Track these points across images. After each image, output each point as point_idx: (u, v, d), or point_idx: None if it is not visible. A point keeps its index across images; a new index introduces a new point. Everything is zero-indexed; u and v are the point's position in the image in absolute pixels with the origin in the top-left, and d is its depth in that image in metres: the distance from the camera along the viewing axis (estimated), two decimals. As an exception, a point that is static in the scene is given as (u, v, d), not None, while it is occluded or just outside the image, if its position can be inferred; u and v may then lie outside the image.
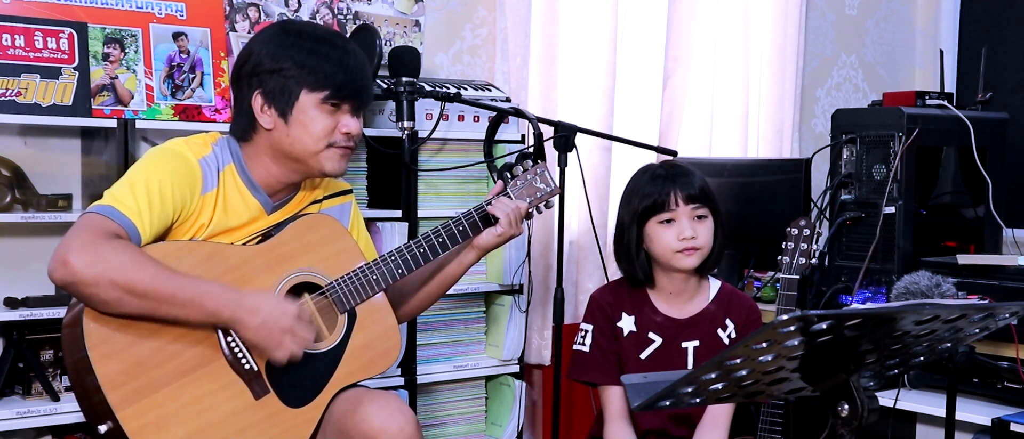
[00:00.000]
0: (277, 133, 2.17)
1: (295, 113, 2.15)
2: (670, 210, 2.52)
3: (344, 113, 2.19)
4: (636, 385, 1.59)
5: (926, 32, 4.65)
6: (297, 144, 2.17)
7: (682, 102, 3.84)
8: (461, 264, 2.41)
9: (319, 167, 2.20)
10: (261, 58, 2.16)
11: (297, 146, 2.17)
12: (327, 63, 2.15)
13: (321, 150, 2.18)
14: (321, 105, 2.16)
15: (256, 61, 2.16)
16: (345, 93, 2.16)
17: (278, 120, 2.16)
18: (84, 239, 1.94)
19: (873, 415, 1.58)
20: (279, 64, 2.14)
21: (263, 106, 2.16)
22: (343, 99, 2.17)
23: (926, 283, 2.36)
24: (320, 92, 2.15)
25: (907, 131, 3.12)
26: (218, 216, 2.15)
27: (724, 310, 2.62)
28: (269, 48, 2.16)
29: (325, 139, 2.17)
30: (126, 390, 1.97)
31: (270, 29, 2.23)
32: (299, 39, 2.17)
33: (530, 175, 2.43)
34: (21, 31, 2.54)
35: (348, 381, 2.21)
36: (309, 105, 2.15)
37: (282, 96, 2.15)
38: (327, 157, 2.19)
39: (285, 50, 2.15)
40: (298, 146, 2.17)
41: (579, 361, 2.63)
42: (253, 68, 2.16)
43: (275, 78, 2.15)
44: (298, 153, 2.17)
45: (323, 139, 2.17)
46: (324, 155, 2.18)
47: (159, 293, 1.95)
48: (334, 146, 2.19)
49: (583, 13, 3.60)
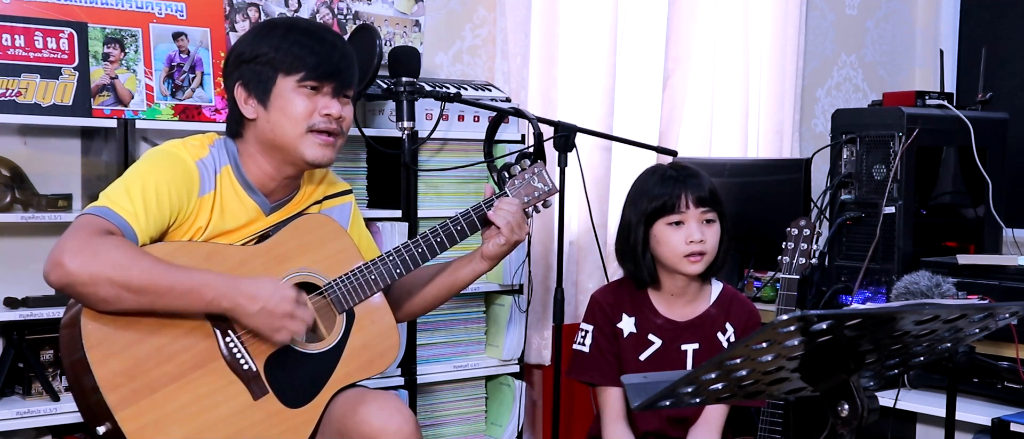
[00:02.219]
0: (260, 122, 2.17)
1: (273, 98, 2.16)
2: (680, 212, 2.51)
3: (324, 96, 2.18)
4: (636, 385, 1.59)
5: (926, 32, 4.65)
6: (278, 130, 2.16)
7: (682, 102, 3.84)
8: (473, 272, 2.41)
9: (301, 154, 2.17)
10: (241, 51, 2.19)
11: (278, 132, 2.16)
12: (299, 46, 2.16)
13: (301, 134, 2.16)
14: (298, 88, 2.16)
15: (236, 54, 2.20)
16: (320, 73, 2.16)
17: (259, 108, 2.17)
18: (78, 240, 1.93)
19: (873, 415, 1.58)
20: (256, 52, 2.16)
21: (246, 97, 2.17)
22: (320, 79, 2.16)
23: (926, 283, 2.36)
24: (295, 74, 2.15)
25: (907, 131, 3.12)
26: (215, 218, 2.15)
27: (724, 313, 2.61)
28: (247, 38, 2.21)
29: (304, 122, 2.16)
30: (125, 391, 1.96)
31: (255, 26, 2.29)
32: (275, 28, 2.19)
33: (528, 175, 2.43)
34: (21, 31, 2.54)
35: (347, 381, 2.21)
36: (286, 89, 2.16)
37: (260, 83, 2.16)
38: (308, 143, 2.16)
39: (261, 38, 2.18)
40: (279, 132, 2.16)
41: (579, 361, 2.63)
42: (235, 61, 2.19)
43: (252, 66, 2.16)
44: (280, 141, 2.17)
45: (302, 122, 2.16)
46: (305, 141, 2.16)
47: (156, 286, 1.94)
48: (314, 130, 2.17)
49: (583, 13, 3.59)
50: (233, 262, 2.11)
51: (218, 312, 2.02)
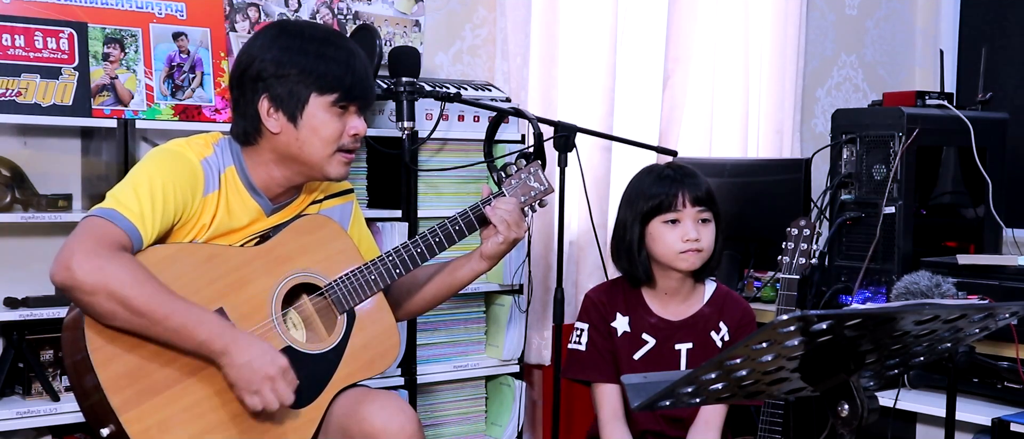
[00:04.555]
0: (285, 137, 2.16)
1: (305, 117, 2.15)
2: (676, 211, 2.52)
3: (351, 114, 2.19)
4: (636, 385, 1.59)
5: (926, 32, 4.65)
6: (306, 148, 2.16)
7: (682, 102, 3.84)
8: (472, 272, 2.41)
9: (324, 172, 2.20)
10: (265, 63, 2.14)
11: (306, 150, 2.16)
12: (335, 66, 2.15)
13: (331, 154, 2.18)
14: (330, 108, 2.16)
15: (260, 67, 2.14)
16: (354, 95, 2.17)
17: (287, 124, 2.15)
18: (89, 246, 1.93)
19: (873, 415, 1.58)
20: (285, 69, 2.13)
21: (270, 110, 2.15)
22: (351, 100, 2.17)
23: (926, 283, 2.36)
24: (330, 95, 2.15)
25: (907, 131, 3.12)
26: (220, 217, 2.15)
27: (718, 312, 2.62)
28: (273, 53, 2.15)
29: (334, 143, 2.17)
30: (129, 393, 1.96)
31: (270, 32, 2.21)
32: (303, 42, 2.16)
33: (524, 174, 2.43)
34: (21, 31, 2.54)
35: (348, 381, 2.21)
36: (319, 108, 2.15)
37: (291, 100, 2.14)
38: (334, 163, 2.19)
39: (290, 54, 2.14)
40: (308, 150, 2.16)
41: (575, 360, 2.63)
42: (258, 73, 2.14)
43: (282, 83, 2.13)
44: (306, 157, 2.17)
45: (333, 143, 2.17)
46: (332, 160, 2.18)
47: (154, 313, 1.94)
48: (342, 150, 2.19)
49: (583, 13, 3.59)
50: (235, 263, 2.12)
51: (207, 354, 2.00)
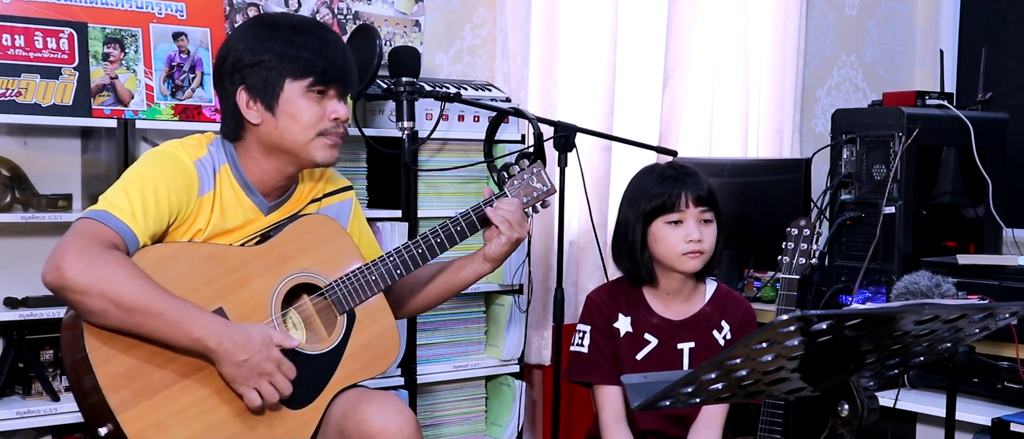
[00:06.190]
0: (266, 127, 2.16)
1: (281, 104, 2.14)
2: (679, 211, 2.52)
3: (330, 99, 2.18)
4: (636, 385, 1.59)
5: (926, 32, 4.65)
6: (287, 135, 2.15)
7: (682, 102, 3.84)
8: (475, 273, 2.41)
9: (310, 158, 2.18)
10: (240, 53, 2.14)
11: (287, 137, 2.16)
12: (307, 51, 2.14)
13: (311, 139, 2.16)
14: (306, 93, 2.15)
15: (235, 57, 2.15)
16: (329, 78, 2.16)
17: (265, 113, 2.15)
18: (79, 246, 1.93)
19: (873, 415, 1.58)
20: (259, 57, 2.13)
21: (248, 101, 2.15)
22: (328, 84, 2.16)
23: (926, 283, 2.36)
24: (304, 80, 2.14)
25: (907, 131, 3.12)
26: (215, 218, 2.14)
27: (720, 311, 2.62)
28: (247, 42, 2.15)
29: (314, 127, 2.16)
30: (127, 392, 1.96)
31: (246, 24, 2.23)
32: (276, 30, 2.16)
33: (527, 175, 2.43)
34: (21, 31, 2.54)
35: (348, 382, 2.20)
36: (294, 95, 2.14)
37: (266, 89, 2.14)
38: (318, 146, 2.17)
39: (263, 42, 2.14)
40: (288, 137, 2.16)
41: (578, 362, 2.63)
42: (233, 65, 2.15)
43: (256, 71, 2.13)
44: (289, 145, 2.16)
45: (312, 128, 2.16)
46: (314, 144, 2.16)
47: (147, 309, 1.93)
48: (324, 134, 2.17)
49: (583, 13, 3.59)
50: (235, 263, 2.11)
51: (202, 350, 1.99)
